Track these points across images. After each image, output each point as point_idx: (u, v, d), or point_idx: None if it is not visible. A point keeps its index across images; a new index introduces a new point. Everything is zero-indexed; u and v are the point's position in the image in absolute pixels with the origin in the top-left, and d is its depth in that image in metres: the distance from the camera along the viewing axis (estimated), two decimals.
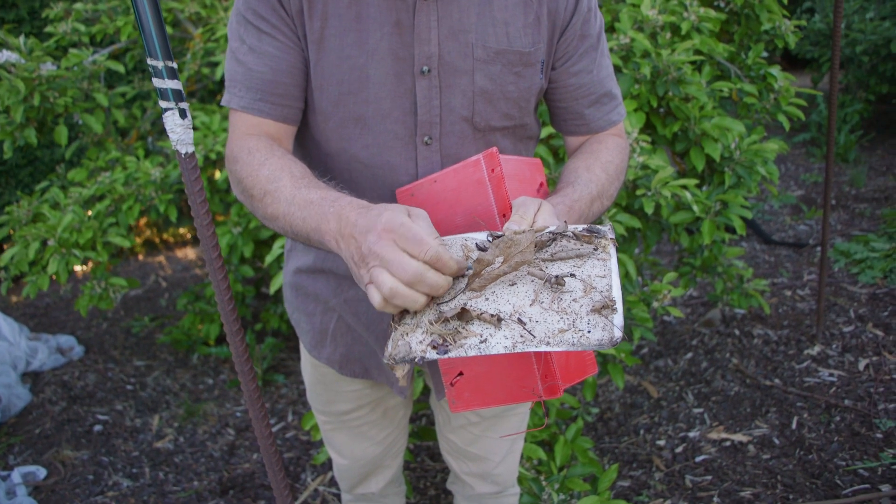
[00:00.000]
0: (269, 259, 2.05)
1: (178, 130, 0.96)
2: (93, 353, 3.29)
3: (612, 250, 0.85)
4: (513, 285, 0.82)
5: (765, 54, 2.59)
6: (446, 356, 0.76)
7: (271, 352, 2.97)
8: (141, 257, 4.50)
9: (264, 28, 1.05)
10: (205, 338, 2.97)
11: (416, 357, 0.76)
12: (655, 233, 2.26)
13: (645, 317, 2.02)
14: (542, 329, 0.75)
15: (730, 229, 2.50)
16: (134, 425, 2.73)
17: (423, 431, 2.14)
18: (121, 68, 2.51)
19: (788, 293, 3.36)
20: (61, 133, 2.45)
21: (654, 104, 2.01)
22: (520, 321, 0.77)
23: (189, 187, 0.99)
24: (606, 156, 1.16)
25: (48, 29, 2.63)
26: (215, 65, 2.65)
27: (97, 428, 2.72)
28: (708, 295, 2.91)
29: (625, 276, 2.00)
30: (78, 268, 2.48)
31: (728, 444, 2.36)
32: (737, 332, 3.06)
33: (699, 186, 2.29)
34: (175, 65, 0.93)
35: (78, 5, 2.67)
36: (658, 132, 2.13)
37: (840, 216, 4.26)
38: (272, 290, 2.07)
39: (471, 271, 0.82)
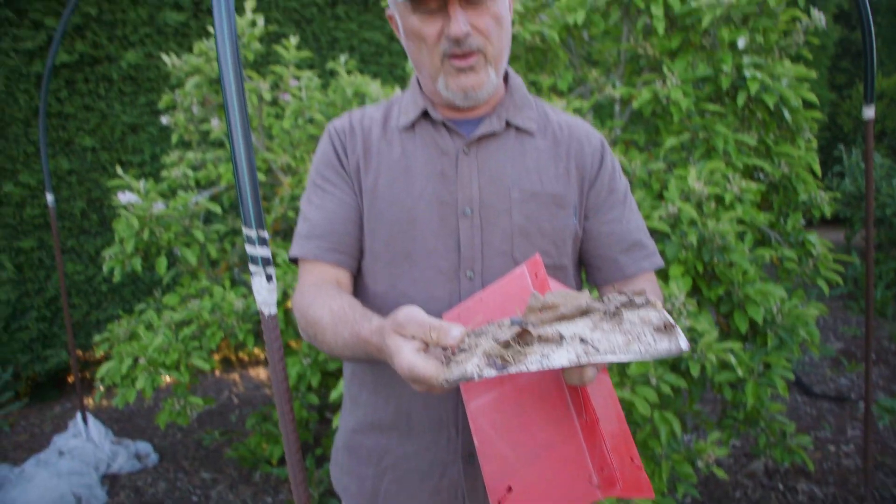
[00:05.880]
0: (334, 395, 2.05)
1: (263, 293, 0.99)
2: (166, 462, 3.27)
3: (660, 305, 0.80)
4: (570, 322, 0.77)
5: (802, 221, 2.57)
6: (506, 371, 0.70)
7: (329, 476, 2.90)
8: (217, 373, 4.55)
9: (327, 188, 1.14)
10: (268, 457, 2.93)
11: (472, 375, 0.70)
12: (700, 387, 2.19)
13: (689, 473, 1.92)
14: (606, 344, 0.70)
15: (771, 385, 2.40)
16: None
17: None
18: (218, 209, 2.64)
19: (832, 448, 3.17)
20: (161, 264, 2.56)
21: (700, 269, 2.00)
22: (582, 340, 0.71)
23: (269, 345, 1.01)
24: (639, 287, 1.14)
25: (164, 173, 2.81)
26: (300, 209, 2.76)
27: None
28: (751, 448, 2.75)
29: (670, 434, 1.91)
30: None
31: None
32: (780, 486, 2.87)
33: (743, 342, 2.22)
34: (266, 234, 0.97)
35: (190, 154, 2.85)
36: (703, 294, 2.12)
37: (881, 371, 4.06)
38: (335, 423, 2.05)
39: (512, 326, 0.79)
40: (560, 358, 0.69)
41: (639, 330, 0.72)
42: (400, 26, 1.11)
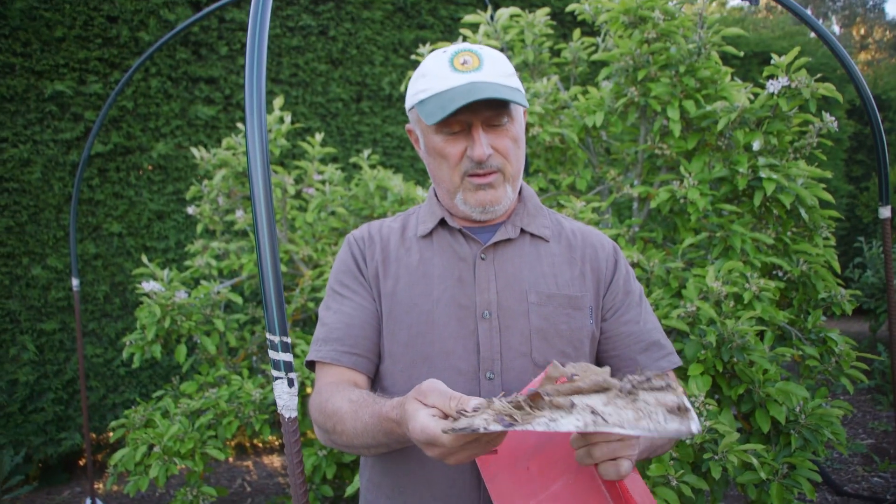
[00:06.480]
0: (349, 490, 2.02)
1: (285, 397, 1.03)
2: None
3: (680, 390, 0.80)
4: (585, 396, 0.78)
5: (823, 318, 2.55)
6: (511, 429, 0.70)
7: None
8: (231, 460, 4.48)
9: (345, 293, 1.18)
10: None
11: (478, 428, 0.71)
12: (722, 486, 2.13)
13: None
14: (616, 417, 0.71)
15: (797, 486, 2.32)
16: None
17: None
18: (239, 300, 2.69)
19: None
20: (181, 352, 2.58)
21: (720, 368, 1.99)
22: (593, 412, 0.72)
23: (288, 449, 1.03)
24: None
25: (187, 262, 2.88)
26: (320, 300, 2.79)
27: None
28: None
29: None
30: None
31: None
32: None
33: (765, 441, 2.17)
34: (289, 340, 1.00)
35: (214, 243, 2.93)
36: (724, 393, 2.09)
37: None
38: None
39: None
40: (567, 423, 0.71)
41: (651, 409, 0.73)
42: (421, 143, 1.17)
